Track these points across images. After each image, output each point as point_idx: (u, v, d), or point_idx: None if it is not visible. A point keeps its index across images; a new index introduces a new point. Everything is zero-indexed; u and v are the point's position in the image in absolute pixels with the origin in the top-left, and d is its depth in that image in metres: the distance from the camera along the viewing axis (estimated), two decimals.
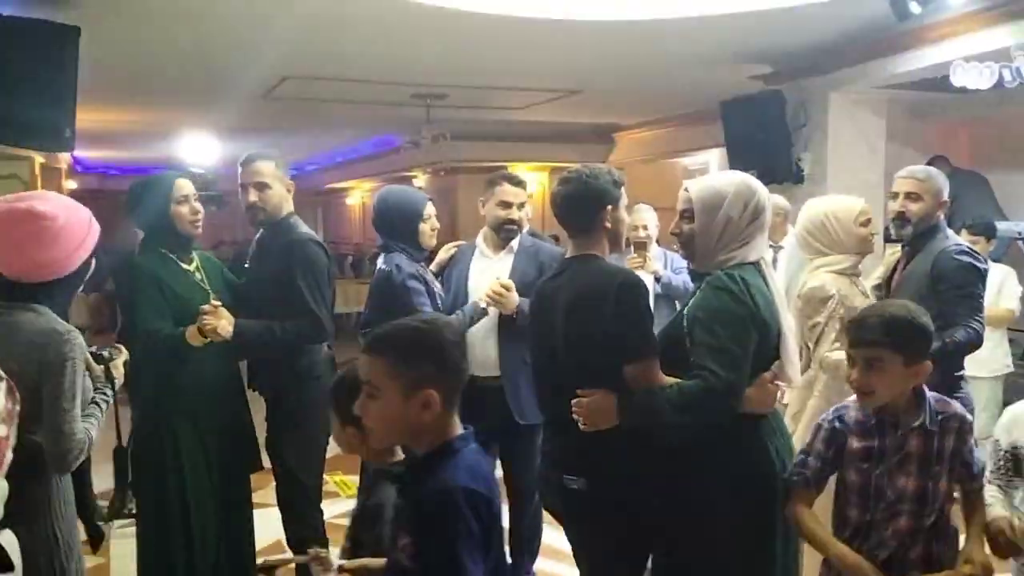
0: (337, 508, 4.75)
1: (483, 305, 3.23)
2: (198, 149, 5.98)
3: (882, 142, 7.01)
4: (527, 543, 3.64)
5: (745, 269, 2.24)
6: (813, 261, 3.09)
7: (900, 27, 5.64)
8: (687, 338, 2.17)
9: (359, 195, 18.97)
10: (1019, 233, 6.56)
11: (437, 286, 3.30)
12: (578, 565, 2.37)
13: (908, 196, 3.13)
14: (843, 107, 6.76)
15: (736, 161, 6.96)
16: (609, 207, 2.31)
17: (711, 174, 2.47)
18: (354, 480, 5.08)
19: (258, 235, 3.22)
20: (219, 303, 2.84)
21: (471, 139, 10.33)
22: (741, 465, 2.20)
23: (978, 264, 3.06)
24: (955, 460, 2.16)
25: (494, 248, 3.49)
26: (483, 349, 3.29)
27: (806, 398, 3.02)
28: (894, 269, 3.28)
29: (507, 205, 3.41)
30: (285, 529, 3.08)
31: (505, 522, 3.54)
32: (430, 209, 3.29)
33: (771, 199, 5.23)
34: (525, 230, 4.44)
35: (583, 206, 2.31)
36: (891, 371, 2.08)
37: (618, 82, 7.51)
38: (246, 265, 3.28)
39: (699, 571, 2.23)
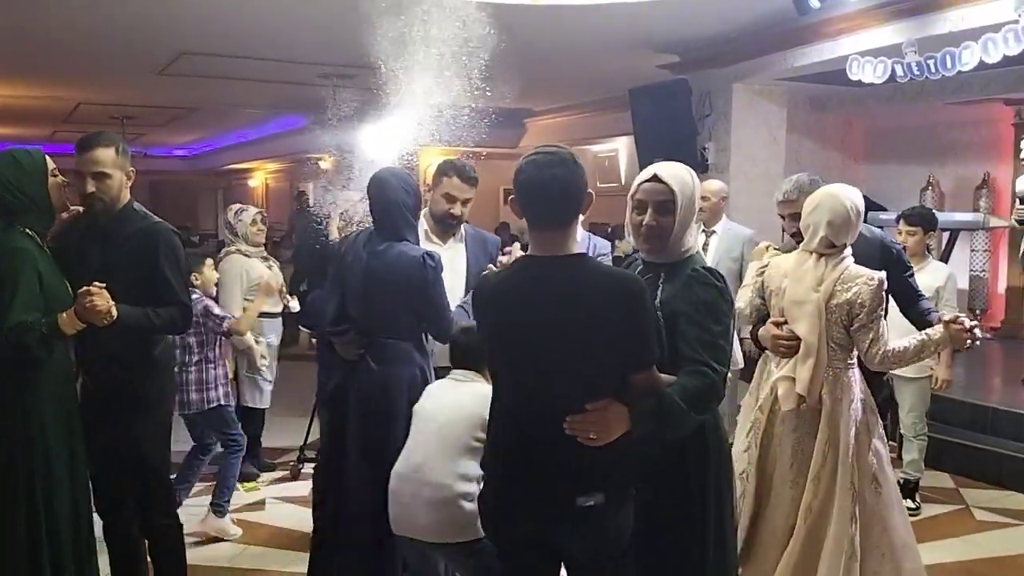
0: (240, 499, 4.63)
1: None
2: (377, 137, 5.63)
3: (783, 132, 7.22)
4: None
5: (701, 259, 2.27)
6: (839, 258, 2.86)
7: (801, 21, 5.81)
8: (662, 330, 2.13)
9: (262, 176, 18.46)
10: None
11: None
12: None
13: (793, 216, 3.16)
14: (746, 97, 6.92)
15: (643, 149, 7.05)
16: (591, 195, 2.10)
17: (665, 164, 2.28)
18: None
19: (79, 224, 2.94)
20: (103, 284, 2.61)
21: (381, 120, 10.16)
22: (705, 442, 2.25)
23: None
24: None
25: (439, 236, 3.40)
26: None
27: (838, 402, 2.85)
28: None
29: (451, 199, 3.31)
30: (143, 517, 2.96)
31: None
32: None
33: (712, 184, 5.14)
34: None
35: (577, 194, 2.03)
36: None
37: (528, 67, 7.49)
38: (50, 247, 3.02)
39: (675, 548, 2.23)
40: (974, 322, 2.90)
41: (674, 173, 2.24)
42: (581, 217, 2.12)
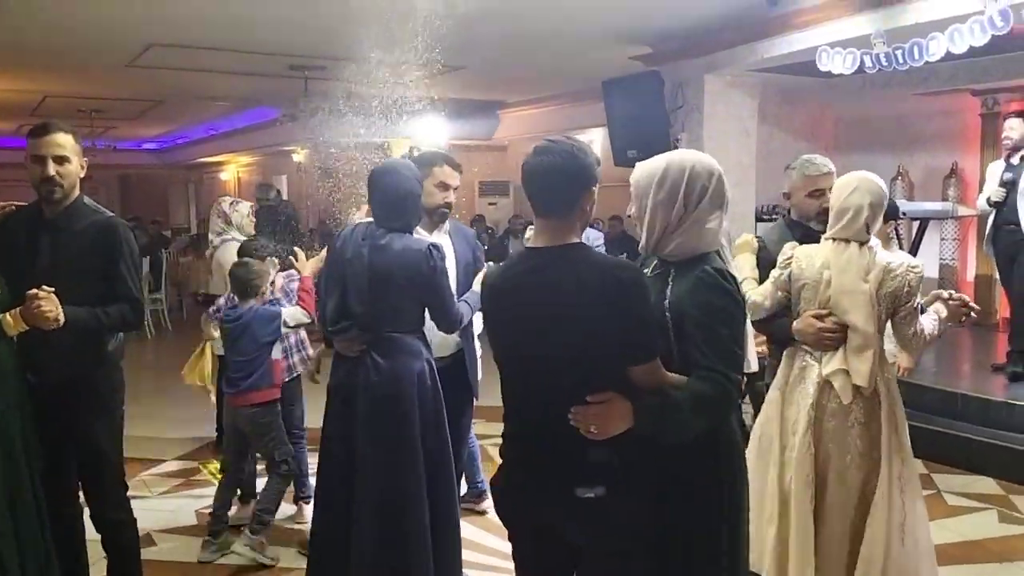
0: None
1: None
2: (429, 128, 5.53)
3: (754, 124, 7.26)
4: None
5: (715, 260, 2.13)
6: (870, 245, 2.85)
7: (771, 12, 5.84)
8: (671, 331, 2.09)
9: (234, 170, 18.28)
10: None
11: None
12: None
13: (830, 191, 3.05)
14: (718, 89, 6.95)
15: (617, 140, 7.06)
16: (594, 188, 2.08)
17: (663, 155, 2.22)
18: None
19: (23, 216, 2.92)
20: (51, 288, 2.56)
21: (352, 113, 10.09)
22: (716, 443, 2.15)
23: None
24: None
25: (427, 228, 3.32)
26: (442, 334, 3.21)
27: (892, 389, 2.88)
28: None
29: (445, 187, 3.30)
30: (96, 512, 2.95)
31: None
32: None
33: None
34: None
35: (568, 183, 2.04)
36: None
37: (502, 59, 7.47)
38: None
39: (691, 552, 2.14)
40: (968, 297, 3.03)
41: (644, 166, 2.21)
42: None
